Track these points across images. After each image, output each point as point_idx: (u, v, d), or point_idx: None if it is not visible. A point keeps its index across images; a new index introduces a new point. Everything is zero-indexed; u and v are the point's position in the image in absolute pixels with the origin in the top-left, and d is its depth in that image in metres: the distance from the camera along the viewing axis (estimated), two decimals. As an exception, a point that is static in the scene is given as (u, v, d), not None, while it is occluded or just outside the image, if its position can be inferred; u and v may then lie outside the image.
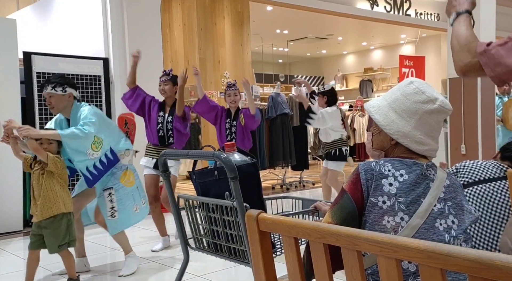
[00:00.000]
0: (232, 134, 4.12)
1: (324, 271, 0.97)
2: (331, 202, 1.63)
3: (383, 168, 1.19)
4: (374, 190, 1.17)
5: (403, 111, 1.23)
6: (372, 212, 1.16)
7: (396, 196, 1.15)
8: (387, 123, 1.24)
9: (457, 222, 1.18)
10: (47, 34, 6.42)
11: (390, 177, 1.17)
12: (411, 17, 9.01)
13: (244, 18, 8.68)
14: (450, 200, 1.20)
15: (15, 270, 3.35)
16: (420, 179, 1.18)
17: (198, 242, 1.84)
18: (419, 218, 1.14)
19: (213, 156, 1.54)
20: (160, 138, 3.64)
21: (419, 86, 1.24)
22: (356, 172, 1.21)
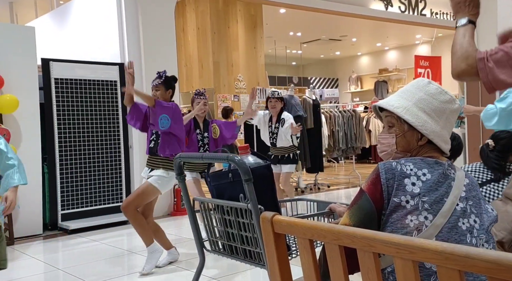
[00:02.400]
0: (205, 146, 3.90)
1: (340, 273, 0.96)
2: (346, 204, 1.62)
3: (405, 167, 1.18)
4: (396, 190, 1.15)
5: (432, 111, 1.24)
6: (395, 212, 1.15)
7: (420, 195, 1.14)
8: (422, 124, 1.23)
9: (478, 222, 1.17)
10: (65, 41, 6.55)
11: (412, 177, 1.17)
12: (426, 17, 8.90)
13: (257, 21, 8.71)
14: (471, 198, 1.20)
15: (35, 273, 3.41)
16: (442, 179, 1.18)
17: (214, 245, 1.85)
18: (442, 218, 1.14)
19: (227, 159, 1.54)
20: (150, 149, 3.27)
21: (439, 86, 1.27)
22: (376, 172, 1.19)
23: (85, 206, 4.87)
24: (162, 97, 3.24)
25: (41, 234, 4.55)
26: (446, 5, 9.24)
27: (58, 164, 4.71)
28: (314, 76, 15.05)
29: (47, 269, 3.50)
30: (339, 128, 7.45)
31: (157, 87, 3.26)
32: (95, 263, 3.53)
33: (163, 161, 3.20)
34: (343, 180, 8.00)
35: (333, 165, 9.94)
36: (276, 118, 4.62)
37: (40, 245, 4.26)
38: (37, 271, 3.46)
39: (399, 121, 1.26)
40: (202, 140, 3.89)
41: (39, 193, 4.57)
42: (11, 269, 3.57)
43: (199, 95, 3.93)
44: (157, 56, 5.36)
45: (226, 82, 8.33)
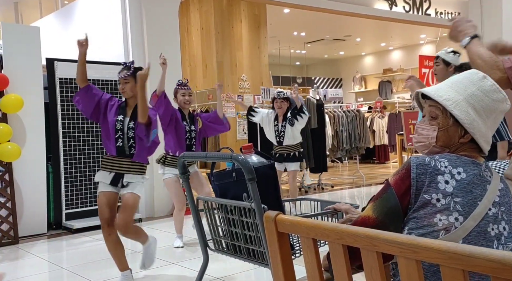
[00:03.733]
0: (192, 140, 3.77)
1: (344, 272, 0.96)
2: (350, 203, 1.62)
3: (439, 163, 1.12)
4: (427, 187, 1.10)
5: (482, 109, 1.17)
6: (423, 209, 1.10)
7: (453, 195, 1.09)
8: (470, 122, 1.16)
9: (508, 229, 1.13)
10: (69, 41, 6.58)
11: (446, 174, 1.11)
12: (431, 16, 8.87)
13: (261, 21, 8.71)
14: (504, 205, 1.14)
15: (39, 272, 3.42)
16: (477, 180, 1.13)
17: (217, 244, 1.85)
18: (473, 221, 1.09)
19: (230, 158, 1.55)
20: (119, 148, 2.86)
21: (494, 83, 1.18)
22: (406, 166, 1.14)
23: (89, 206, 4.89)
24: (132, 91, 2.88)
25: (46, 233, 4.57)
26: (451, 5, 9.20)
27: (62, 164, 4.73)
28: (318, 76, 15.03)
29: (51, 268, 3.52)
30: (343, 128, 7.44)
31: (126, 79, 2.87)
32: (99, 262, 3.54)
33: (136, 166, 2.90)
34: (347, 180, 7.99)
35: (337, 165, 9.92)
36: (282, 117, 4.76)
37: (45, 244, 4.28)
38: (41, 270, 3.47)
39: (444, 114, 1.19)
40: (189, 132, 3.77)
41: (44, 193, 4.59)
42: (16, 267, 3.60)
43: (182, 85, 3.81)
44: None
45: (230, 82, 8.33)
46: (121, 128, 2.86)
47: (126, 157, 2.87)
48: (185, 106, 3.78)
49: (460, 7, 9.24)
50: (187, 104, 3.78)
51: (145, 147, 2.91)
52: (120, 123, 2.87)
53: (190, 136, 3.76)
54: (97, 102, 2.90)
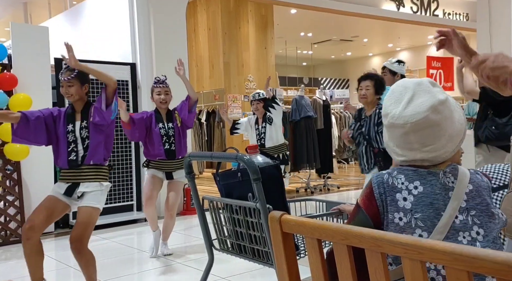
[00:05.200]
0: (170, 139, 3.47)
1: (348, 273, 0.96)
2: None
3: (396, 181, 1.12)
4: (389, 206, 1.10)
5: None
6: (389, 229, 1.10)
7: (412, 212, 1.08)
8: (383, 135, 1.24)
9: (482, 233, 1.09)
10: (77, 41, 6.63)
11: (404, 191, 1.10)
12: (439, 17, 8.82)
13: (268, 21, 8.71)
14: (474, 208, 1.10)
15: (46, 270, 3.44)
16: (438, 189, 1.10)
17: (223, 243, 1.86)
18: (438, 234, 1.06)
19: (236, 158, 1.55)
20: (70, 162, 2.54)
21: (386, 97, 1.18)
22: (369, 186, 1.15)
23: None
24: (78, 93, 2.54)
25: (53, 231, 4.61)
26: (459, 6, 9.14)
27: (70, 163, 4.77)
28: (325, 76, 15.00)
29: (58, 266, 3.54)
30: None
31: (70, 82, 2.53)
32: (106, 261, 3.56)
33: (91, 170, 2.54)
34: (353, 181, 7.96)
35: (343, 166, 9.89)
36: (262, 119, 4.71)
37: (52, 242, 4.32)
38: (49, 268, 3.50)
39: None
40: (166, 133, 3.46)
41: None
42: (23, 266, 3.63)
43: (159, 83, 3.49)
44: (168, 56, 5.39)
45: (237, 83, 8.34)
46: (73, 140, 2.54)
47: (79, 167, 2.53)
48: (161, 105, 3.48)
49: (468, 8, 9.18)
50: (163, 103, 3.46)
51: (99, 142, 2.52)
52: (72, 134, 2.54)
53: (167, 140, 3.45)
54: (44, 124, 2.57)
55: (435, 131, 1.12)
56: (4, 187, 4.31)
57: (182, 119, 3.50)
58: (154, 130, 3.43)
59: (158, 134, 3.44)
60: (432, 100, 1.12)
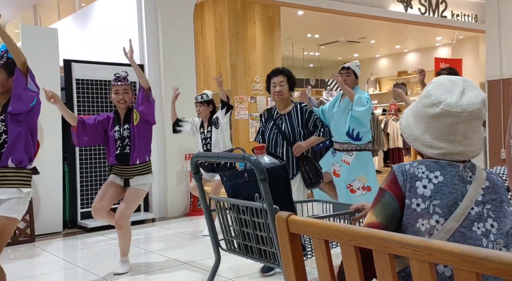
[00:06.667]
0: (125, 141, 3.11)
1: (356, 273, 0.96)
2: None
3: (417, 170, 1.17)
4: (408, 192, 1.15)
5: (416, 114, 1.24)
6: (406, 215, 1.14)
7: (431, 199, 1.12)
8: (404, 127, 1.26)
9: (496, 226, 1.12)
10: (86, 42, 6.68)
11: (424, 179, 1.15)
12: (447, 18, 8.76)
13: (274, 23, 8.71)
14: (489, 202, 1.15)
15: (55, 270, 3.48)
16: (457, 181, 1.15)
17: (229, 244, 1.86)
18: (454, 222, 1.11)
19: (243, 158, 1.55)
20: None
21: (430, 89, 1.21)
22: (392, 173, 1.20)
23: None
24: (2, 85, 2.29)
25: (61, 231, 4.64)
26: (467, 7, 9.07)
27: (78, 164, 4.80)
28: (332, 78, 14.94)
29: (66, 266, 3.57)
30: (357, 130, 7.37)
31: None
32: (113, 261, 3.57)
33: (9, 175, 2.22)
34: (360, 183, 7.91)
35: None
36: (207, 122, 4.21)
37: (60, 242, 4.35)
38: (57, 267, 3.53)
39: None
40: (120, 136, 3.12)
41: (60, 192, 4.66)
42: (32, 265, 3.66)
43: (117, 80, 3.14)
44: (175, 58, 5.42)
45: (243, 84, 8.35)
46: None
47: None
48: (120, 105, 3.14)
49: (477, 9, 9.11)
50: (121, 103, 3.12)
51: (17, 136, 2.20)
52: None
53: (121, 143, 3.12)
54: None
55: (477, 125, 1.20)
56: (13, 187, 4.34)
57: (141, 114, 3.11)
58: (109, 133, 3.14)
59: (113, 138, 3.13)
60: (482, 94, 1.19)
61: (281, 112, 3.05)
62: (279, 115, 3.05)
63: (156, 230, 4.73)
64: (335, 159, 3.58)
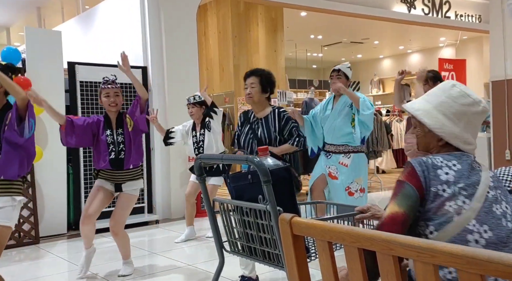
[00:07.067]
0: (120, 146, 3.07)
1: (359, 275, 0.96)
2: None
3: (435, 160, 1.26)
4: (432, 180, 1.22)
5: (452, 114, 1.29)
6: (434, 201, 1.21)
7: (455, 183, 1.22)
8: (439, 126, 1.30)
9: (510, 208, 1.24)
10: (90, 45, 6.71)
11: (444, 167, 1.24)
12: (450, 19, 8.73)
13: (277, 24, 8.72)
14: (499, 188, 1.27)
15: (59, 271, 3.49)
16: (471, 169, 1.26)
17: (233, 246, 1.86)
18: (478, 202, 1.20)
19: (246, 160, 1.55)
20: None
21: (463, 89, 1.31)
22: (410, 166, 1.26)
23: (107, 207, 4.96)
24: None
25: (65, 233, 4.66)
26: (471, 7, 9.04)
27: (82, 165, 4.82)
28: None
29: (71, 268, 3.58)
30: (360, 131, 7.36)
31: None
32: (117, 262, 3.58)
33: (2, 185, 2.32)
34: (364, 184, 7.89)
35: (354, 169, 9.82)
36: (199, 125, 4.10)
37: (64, 244, 4.36)
38: (61, 269, 3.54)
39: (420, 123, 1.34)
40: (113, 141, 3.08)
41: (64, 194, 4.68)
42: (36, 267, 3.67)
43: (107, 83, 3.09)
44: (179, 59, 5.44)
45: (247, 85, 8.34)
46: None
47: None
48: (111, 109, 3.08)
49: (481, 9, 9.07)
50: (113, 106, 3.07)
51: (13, 157, 2.25)
52: None
53: (114, 148, 3.06)
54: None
55: None
56: (18, 189, 4.37)
57: (135, 122, 3.11)
58: (101, 137, 3.06)
59: (105, 143, 3.05)
60: None
61: (258, 115, 2.82)
62: (256, 119, 2.82)
63: (159, 232, 4.74)
64: (330, 161, 3.54)
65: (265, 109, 2.81)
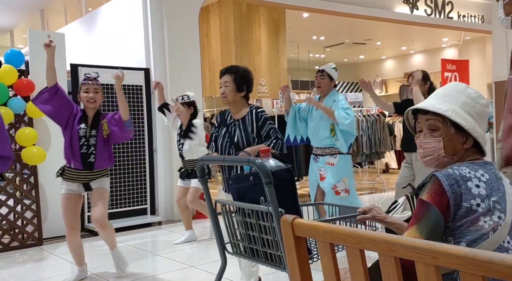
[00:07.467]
0: (90, 148, 3.03)
1: (361, 276, 0.96)
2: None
3: (462, 171, 1.17)
4: (464, 194, 1.14)
5: (477, 114, 1.25)
6: (466, 217, 1.14)
7: (489, 196, 1.15)
8: (472, 127, 1.23)
9: None
10: (93, 47, 6.74)
11: (473, 179, 1.16)
12: (453, 19, 8.72)
13: (280, 25, 8.73)
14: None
15: (63, 273, 3.50)
16: (497, 178, 1.20)
17: (235, 247, 1.86)
18: (510, 215, 1.14)
19: (248, 162, 1.55)
20: None
21: (476, 90, 1.29)
22: (436, 182, 1.17)
23: (110, 208, 4.97)
24: None
25: (69, 234, 4.67)
26: (473, 8, 9.02)
27: (85, 167, 4.83)
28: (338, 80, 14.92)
29: (74, 269, 3.58)
30: (363, 132, 7.37)
31: None
32: (120, 264, 3.59)
33: None
34: (367, 185, 7.89)
35: (357, 170, 9.82)
36: (185, 125, 4.03)
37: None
38: (65, 271, 3.55)
39: (445, 125, 1.24)
40: (85, 137, 3.04)
41: (67, 195, 4.69)
42: (40, 268, 3.68)
43: (88, 79, 3.07)
44: (181, 61, 5.45)
45: (249, 87, 8.35)
46: None
47: None
48: (88, 105, 3.06)
49: (483, 9, 9.05)
50: (91, 102, 3.05)
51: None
52: None
53: (87, 143, 3.03)
54: None
55: None
56: (21, 191, 4.39)
57: (112, 133, 3.09)
58: (75, 127, 3.03)
59: (77, 135, 3.02)
60: None
61: (235, 116, 2.62)
62: (233, 121, 2.61)
63: (162, 234, 4.74)
64: (319, 164, 3.59)
65: (242, 110, 2.61)
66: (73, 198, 3.09)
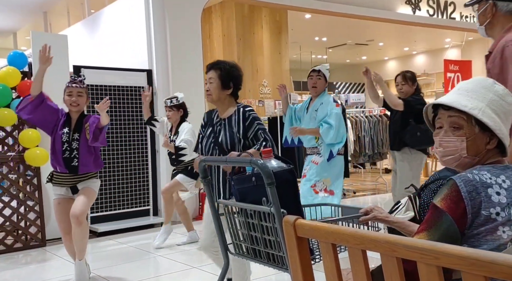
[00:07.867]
0: (73, 152, 2.99)
1: (363, 277, 0.96)
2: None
3: (483, 176, 1.10)
4: (484, 202, 1.08)
5: (503, 113, 1.17)
6: (484, 225, 1.08)
7: (509, 205, 1.08)
8: (499, 128, 1.15)
9: None
10: (95, 48, 6.76)
11: (494, 185, 1.09)
12: (455, 20, 8.71)
13: (282, 27, 8.74)
14: None
15: (65, 274, 3.51)
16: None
17: (238, 248, 1.86)
18: None
19: (250, 162, 1.56)
20: None
21: (504, 87, 1.19)
22: (453, 188, 1.10)
23: (113, 210, 4.98)
24: None
25: (71, 236, 4.68)
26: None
27: (88, 168, 4.85)
28: (340, 81, 14.93)
29: (76, 270, 3.59)
30: (365, 133, 7.36)
31: None
32: (123, 265, 3.60)
33: None
34: (369, 186, 7.88)
35: (359, 171, 9.80)
36: (175, 128, 4.02)
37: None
38: (67, 272, 3.55)
39: (470, 123, 1.16)
40: (68, 141, 3.01)
41: (70, 196, 4.71)
42: (43, 269, 3.70)
43: (73, 82, 3.05)
44: (183, 62, 5.46)
45: (251, 87, 8.37)
46: None
47: None
48: (72, 108, 3.04)
49: (487, 9, 9.02)
50: (74, 106, 3.02)
51: None
52: None
53: (69, 147, 3.00)
54: None
55: None
56: (25, 192, 4.40)
57: (93, 136, 3.02)
58: (58, 132, 3.03)
59: (60, 139, 3.01)
60: None
61: (221, 116, 2.43)
62: (219, 120, 2.43)
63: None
64: (307, 162, 3.64)
65: (229, 109, 2.41)
66: (63, 203, 3.07)
